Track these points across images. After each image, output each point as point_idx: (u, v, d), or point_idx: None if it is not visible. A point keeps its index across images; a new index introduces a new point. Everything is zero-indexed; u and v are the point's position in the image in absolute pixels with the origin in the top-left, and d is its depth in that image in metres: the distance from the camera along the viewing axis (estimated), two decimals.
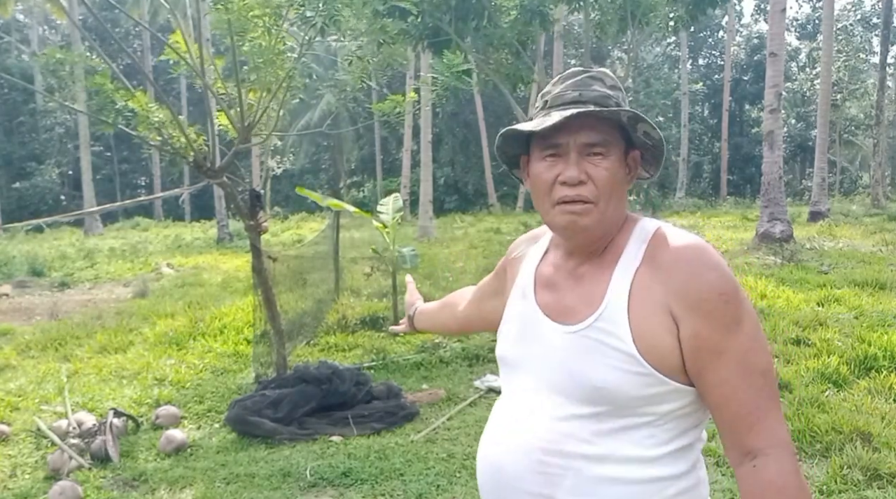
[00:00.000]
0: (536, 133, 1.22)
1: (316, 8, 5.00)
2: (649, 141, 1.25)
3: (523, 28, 8.39)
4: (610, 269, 1.22)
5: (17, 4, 28.30)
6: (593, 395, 1.16)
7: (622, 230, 1.26)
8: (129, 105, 4.92)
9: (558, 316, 1.25)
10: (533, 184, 1.28)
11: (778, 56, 12.97)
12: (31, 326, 8.20)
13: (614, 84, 1.26)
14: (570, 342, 1.20)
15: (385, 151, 34.69)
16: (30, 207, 32.17)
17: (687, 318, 1.13)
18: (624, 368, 1.14)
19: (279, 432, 4.53)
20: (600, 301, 1.19)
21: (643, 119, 1.20)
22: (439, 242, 16.47)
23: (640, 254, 1.21)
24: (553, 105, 1.24)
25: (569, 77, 1.26)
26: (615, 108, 1.20)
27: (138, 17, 22.30)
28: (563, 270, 1.30)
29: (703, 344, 1.13)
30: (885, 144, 24.66)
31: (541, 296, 1.31)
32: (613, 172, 1.21)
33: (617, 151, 1.22)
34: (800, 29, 41.11)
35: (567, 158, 1.21)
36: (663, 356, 1.14)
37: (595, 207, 1.20)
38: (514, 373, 1.31)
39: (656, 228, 1.24)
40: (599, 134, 1.20)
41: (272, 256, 5.77)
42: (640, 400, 1.15)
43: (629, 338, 1.15)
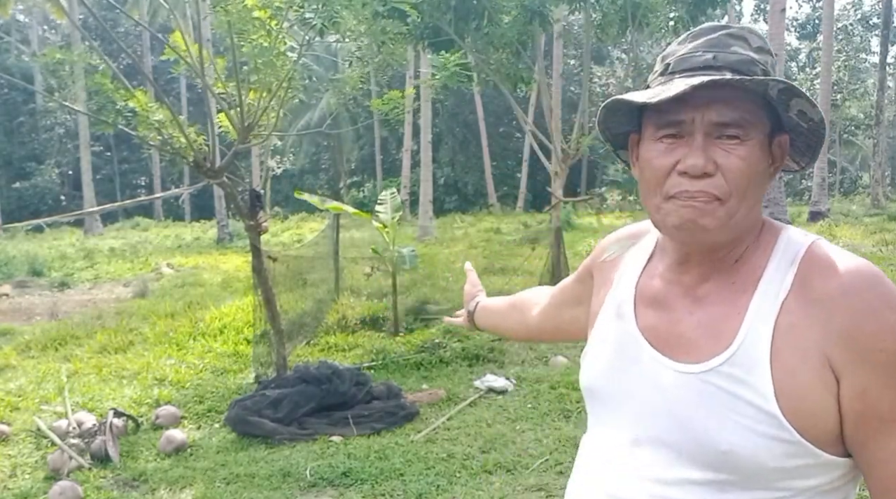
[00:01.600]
0: (650, 106, 0.93)
1: (315, 9, 5.01)
2: (805, 123, 0.94)
3: (523, 28, 8.38)
4: (746, 294, 0.93)
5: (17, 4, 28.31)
6: (716, 460, 0.89)
7: (759, 241, 0.97)
8: (130, 105, 4.92)
9: (667, 347, 0.97)
10: (641, 172, 0.98)
11: (778, 56, 12.96)
12: (31, 326, 8.20)
13: (762, 46, 0.95)
14: (686, 386, 0.92)
15: (385, 150, 34.69)
16: (30, 207, 32.17)
17: (853, 371, 0.85)
18: (760, 431, 0.87)
19: (279, 432, 4.53)
20: (732, 337, 0.91)
21: (800, 93, 0.89)
22: (439, 242, 16.47)
23: (789, 278, 0.91)
24: (677, 70, 0.94)
25: (701, 34, 0.96)
26: (762, 78, 0.89)
27: (138, 17, 22.31)
28: (676, 285, 1.01)
29: (872, 406, 0.85)
30: (885, 144, 24.68)
31: (644, 317, 1.02)
32: (752, 163, 0.91)
33: (759, 134, 0.92)
34: (800, 29, 41.13)
35: (691, 141, 0.91)
36: (814, 420, 0.86)
37: (722, 205, 0.90)
38: (605, 410, 1.05)
39: (810, 242, 0.94)
40: (737, 111, 0.90)
41: (272, 256, 5.77)
42: (776, 473, 0.88)
43: (771, 392, 0.86)
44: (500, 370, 5.81)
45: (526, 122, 10.53)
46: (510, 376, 5.64)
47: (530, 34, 8.81)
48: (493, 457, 4.11)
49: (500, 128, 33.79)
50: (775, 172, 0.98)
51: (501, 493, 3.69)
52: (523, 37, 8.65)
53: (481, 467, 4.00)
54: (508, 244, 14.79)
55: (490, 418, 4.81)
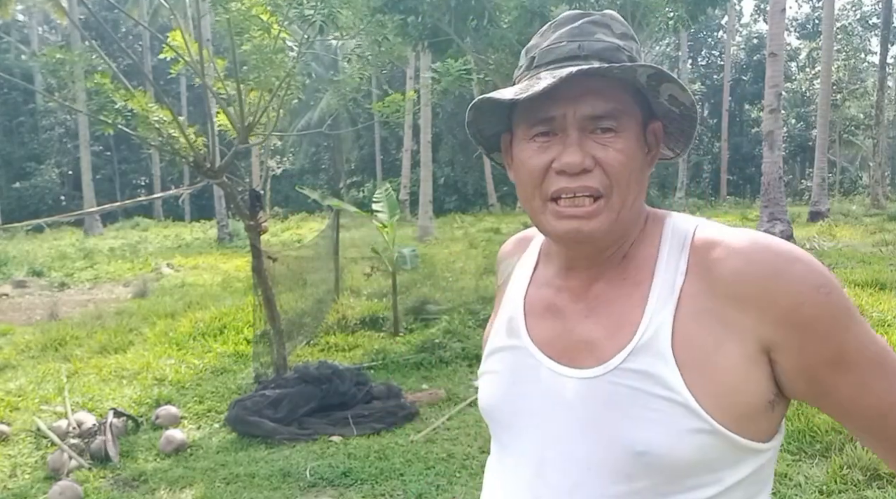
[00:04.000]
0: (520, 103, 0.89)
1: (315, 6, 5.01)
2: (677, 107, 0.89)
3: (523, 29, 8.39)
4: (640, 287, 0.89)
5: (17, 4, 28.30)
6: (630, 465, 0.83)
7: (645, 231, 0.93)
8: (129, 105, 4.93)
9: (566, 357, 0.91)
10: (517, 174, 0.93)
11: (778, 56, 12.97)
12: (31, 326, 8.20)
13: (625, 32, 0.91)
14: (591, 393, 0.87)
15: (385, 151, 34.69)
16: (30, 207, 32.17)
17: (785, 336, 0.81)
18: (674, 425, 0.81)
19: (279, 432, 4.53)
20: (632, 332, 0.86)
21: (669, 77, 0.85)
22: (439, 242, 16.48)
23: (683, 263, 0.87)
24: (542, 62, 0.89)
25: (563, 23, 0.91)
26: (631, 64, 0.85)
27: (138, 16, 22.31)
28: (565, 291, 0.95)
29: (816, 359, 0.81)
30: (885, 144, 24.68)
31: (536, 329, 0.96)
32: (630, 154, 0.87)
33: (633, 123, 0.88)
34: (800, 29, 41.12)
35: (565, 138, 0.86)
36: (737, 400, 0.82)
37: (606, 202, 0.87)
38: (507, 435, 0.97)
39: (694, 226, 0.91)
40: (609, 101, 0.86)
41: (272, 256, 5.77)
42: (697, 468, 0.83)
43: (680, 381, 0.82)
44: None
45: None
46: None
47: (530, 34, 8.84)
48: None
49: None
50: (652, 161, 0.94)
51: None
52: (523, 37, 8.66)
53: (481, 467, 3.99)
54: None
55: None
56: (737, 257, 0.84)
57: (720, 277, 0.84)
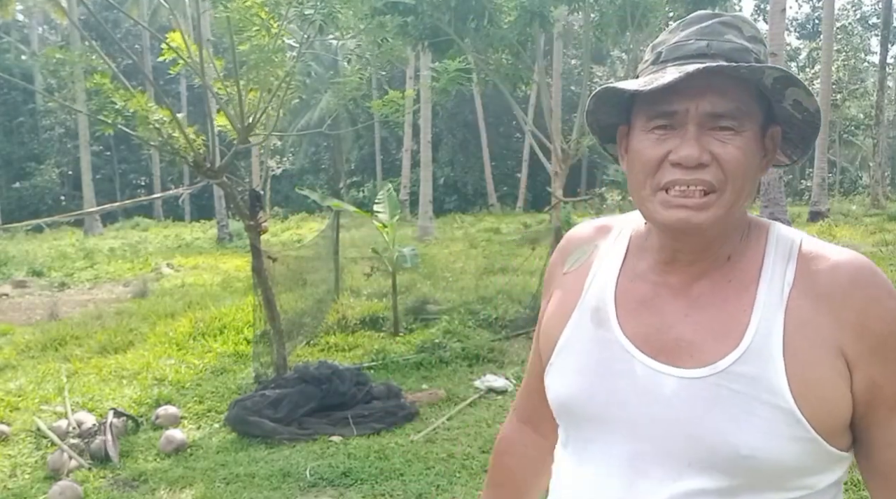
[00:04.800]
0: (641, 95, 0.89)
1: (315, 6, 5.01)
2: (799, 113, 0.90)
3: (523, 29, 8.39)
4: (748, 291, 0.89)
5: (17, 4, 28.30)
6: (732, 465, 0.86)
7: (750, 236, 0.94)
8: (129, 106, 4.93)
9: (663, 354, 0.90)
10: (631, 163, 0.93)
11: (777, 56, 12.97)
12: (31, 326, 8.20)
13: (754, 35, 0.91)
14: (693, 393, 0.87)
15: (385, 150, 34.68)
16: (30, 207, 32.16)
17: (865, 361, 0.85)
18: (779, 431, 0.84)
19: (279, 432, 4.54)
20: (740, 335, 0.87)
21: (796, 81, 0.86)
22: (439, 242, 16.48)
23: (790, 273, 0.89)
24: (669, 58, 0.90)
25: (693, 22, 0.91)
26: (758, 65, 0.86)
27: (137, 16, 22.31)
28: (663, 287, 0.95)
29: (881, 394, 0.86)
30: (885, 144, 24.69)
31: (629, 323, 0.94)
32: (748, 154, 0.88)
33: (753, 125, 0.89)
34: (800, 29, 41.13)
35: (683, 132, 0.87)
36: (828, 413, 0.85)
37: (719, 197, 0.87)
38: (590, 429, 0.96)
39: (801, 238, 0.93)
40: (732, 101, 0.87)
41: (272, 256, 5.77)
42: (794, 472, 0.86)
43: (787, 389, 0.84)
44: (500, 370, 5.81)
45: (526, 123, 10.53)
46: (510, 375, 5.63)
47: (530, 35, 8.82)
48: None
49: (500, 128, 33.78)
50: (767, 165, 0.94)
51: None
52: (523, 37, 8.66)
53: (481, 467, 4.00)
54: (508, 244, 14.79)
55: (490, 418, 4.81)
56: (841, 274, 0.87)
57: (823, 292, 0.87)
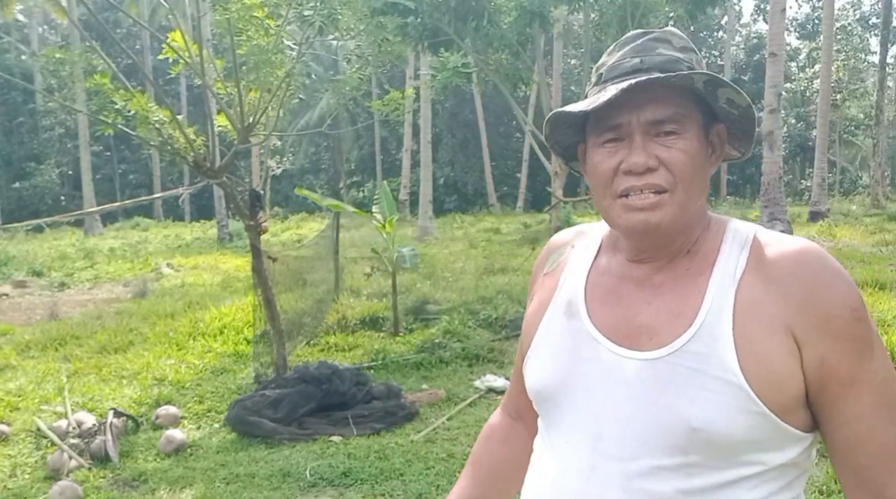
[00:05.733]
0: (591, 114, 0.99)
1: (314, 6, 5.01)
2: (735, 110, 0.99)
3: (523, 29, 8.40)
4: (703, 276, 0.97)
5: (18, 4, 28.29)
6: (685, 440, 0.91)
7: (709, 230, 1.02)
8: (129, 106, 4.93)
9: (628, 340, 0.98)
10: (590, 177, 1.03)
11: (778, 56, 12.97)
12: (31, 326, 8.20)
13: (685, 45, 1.01)
14: (651, 373, 0.94)
15: (385, 150, 34.68)
16: (30, 207, 32.15)
17: (813, 340, 0.90)
18: (728, 404, 0.89)
19: (279, 432, 4.54)
20: (693, 316, 0.94)
21: (724, 82, 0.95)
22: (439, 242, 16.47)
23: (743, 259, 0.96)
24: (609, 77, 0.99)
25: (627, 42, 1.02)
26: (685, 72, 0.95)
27: (136, 15, 22.30)
28: (629, 279, 1.03)
29: (832, 373, 0.90)
30: (885, 144, 24.67)
31: (598, 313, 1.02)
32: (692, 154, 0.96)
33: (695, 126, 0.97)
34: (800, 29, 41.12)
35: (630, 142, 0.96)
36: (778, 388, 0.90)
37: (671, 196, 0.95)
38: (561, 414, 1.02)
39: (755, 229, 1.00)
40: (670, 107, 0.95)
41: (272, 256, 5.78)
42: (745, 446, 0.91)
43: (736, 364, 0.89)
44: (500, 370, 5.81)
45: (526, 123, 10.54)
46: (510, 375, 5.63)
47: (530, 35, 8.82)
48: None
49: (500, 128, 33.77)
50: (716, 161, 1.03)
51: None
52: (523, 37, 8.66)
53: None
54: (508, 244, 14.79)
55: (489, 418, 4.81)
56: (790, 259, 0.94)
57: (771, 275, 0.93)
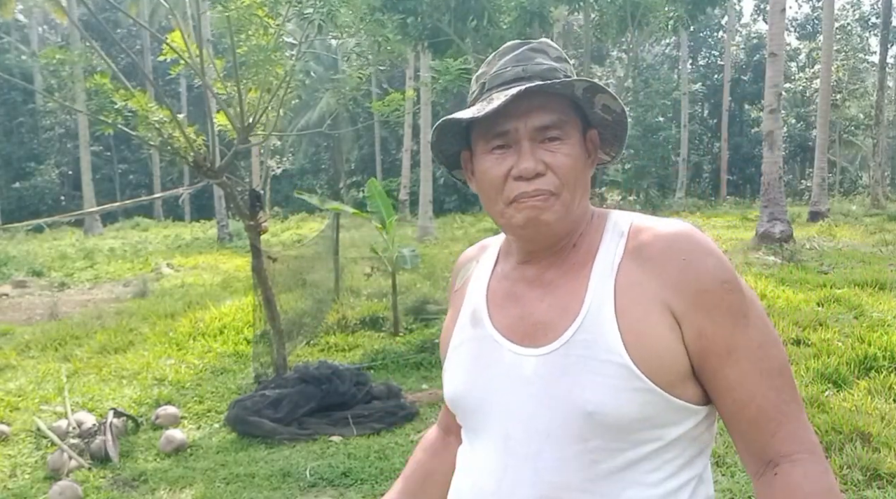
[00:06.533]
0: (477, 122, 1.01)
1: (314, 4, 5.02)
2: (609, 116, 1.04)
3: (523, 29, 8.40)
4: (585, 267, 1.02)
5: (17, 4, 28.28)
6: (583, 426, 0.94)
7: (591, 226, 1.06)
8: (129, 105, 4.93)
9: (527, 338, 1.01)
10: (480, 184, 1.06)
11: (778, 56, 12.97)
12: (31, 326, 8.20)
13: (560, 55, 1.06)
14: (547, 367, 0.97)
15: (385, 150, 34.68)
16: (29, 207, 32.15)
17: (689, 314, 0.95)
18: (618, 386, 0.93)
19: (279, 432, 4.54)
20: (579, 307, 0.98)
21: (601, 89, 1.00)
22: (439, 242, 16.47)
23: (621, 246, 1.01)
24: (493, 86, 1.03)
25: (506, 52, 1.05)
26: (569, 79, 0.99)
27: (136, 15, 22.30)
28: (522, 281, 1.07)
29: (709, 344, 0.95)
30: (885, 144, 24.68)
31: (498, 317, 1.06)
32: (575, 158, 1.01)
33: (575, 132, 1.02)
34: (799, 29, 41.13)
35: (518, 148, 1.00)
36: (663, 364, 0.94)
37: (558, 198, 1.00)
38: (476, 419, 1.05)
39: (631, 219, 1.05)
40: (553, 113, 1.00)
41: (272, 256, 5.78)
42: (640, 423, 0.94)
43: (621, 346, 0.94)
44: None
45: None
46: None
47: (530, 35, 8.82)
48: None
49: None
50: (592, 164, 1.08)
51: None
52: (523, 37, 8.66)
53: None
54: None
55: None
56: (662, 241, 0.99)
57: (646, 256, 0.98)
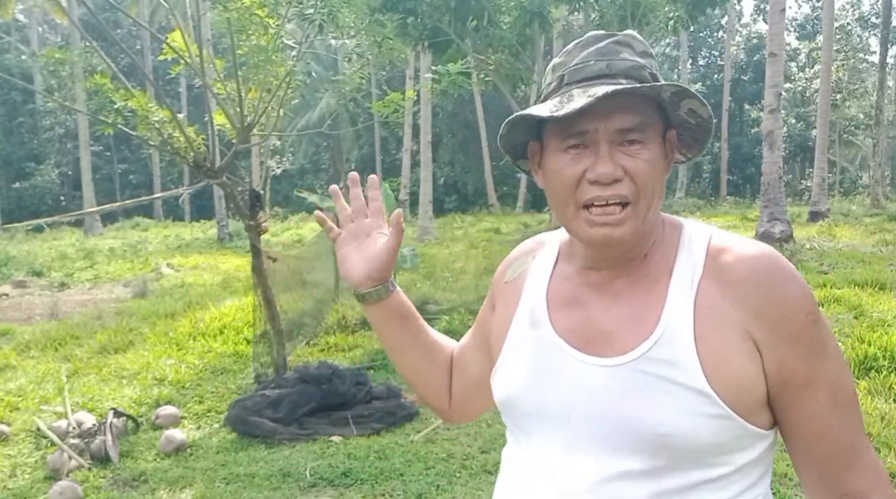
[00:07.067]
0: (554, 118, 0.95)
1: (315, 5, 5.02)
2: (694, 119, 0.99)
3: (523, 29, 8.40)
4: (660, 282, 0.97)
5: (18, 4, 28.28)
6: (653, 445, 0.92)
7: (664, 236, 1.02)
8: (129, 105, 4.93)
9: (589, 346, 0.98)
10: (550, 182, 1.01)
11: (777, 56, 12.97)
12: (31, 326, 8.20)
13: (645, 50, 1.00)
14: (615, 380, 0.94)
15: (385, 151, 34.69)
16: (29, 207, 32.16)
17: (771, 343, 0.92)
18: (692, 409, 0.90)
19: (279, 432, 4.53)
20: (654, 323, 0.94)
21: (691, 94, 0.94)
22: (439, 242, 16.48)
23: (700, 264, 0.96)
24: (573, 81, 0.97)
25: (590, 43, 0.99)
26: (659, 83, 0.94)
27: (136, 15, 22.30)
28: (587, 286, 1.03)
29: (790, 374, 0.92)
30: (885, 144, 24.67)
31: (559, 320, 1.02)
32: (655, 163, 0.96)
33: (656, 134, 0.97)
34: (799, 29, 41.13)
35: (596, 149, 0.94)
36: (742, 392, 0.91)
37: (633, 208, 0.95)
38: (529, 423, 1.02)
39: (710, 232, 1.01)
40: (636, 116, 0.94)
41: (272, 256, 5.77)
42: (711, 448, 0.92)
43: (699, 369, 0.90)
44: None
45: None
46: None
47: (530, 35, 8.82)
48: (493, 457, 4.11)
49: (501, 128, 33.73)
50: (669, 165, 1.02)
51: None
52: (523, 38, 8.66)
53: (481, 467, 4.00)
54: (508, 244, 14.78)
55: (490, 418, 4.81)
56: (745, 264, 0.94)
57: (729, 280, 0.94)
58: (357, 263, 1.20)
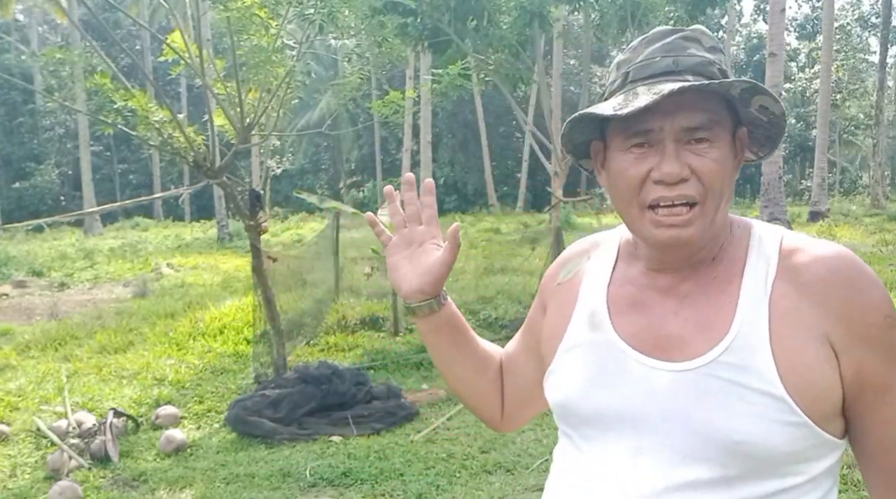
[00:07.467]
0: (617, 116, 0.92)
1: (315, 5, 5.02)
2: (766, 117, 0.95)
3: (523, 29, 8.39)
4: (732, 285, 0.94)
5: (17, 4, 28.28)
6: (726, 453, 0.88)
7: (732, 237, 0.98)
8: (129, 105, 4.93)
9: (656, 350, 0.94)
10: (614, 182, 0.97)
11: (777, 56, 12.98)
12: (31, 326, 8.20)
13: (714, 45, 0.96)
14: (685, 385, 0.90)
15: (385, 150, 34.68)
16: (29, 207, 32.15)
17: (850, 347, 0.88)
18: (769, 416, 0.86)
19: (279, 432, 4.54)
20: (727, 327, 0.90)
21: (763, 90, 0.91)
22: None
23: (773, 265, 0.93)
24: (638, 78, 0.94)
25: (656, 39, 0.96)
26: (728, 80, 0.90)
27: (136, 15, 22.29)
28: (652, 289, 0.99)
29: (867, 379, 0.89)
30: (885, 144, 24.68)
31: (622, 324, 0.99)
32: (724, 162, 0.92)
33: (725, 133, 0.93)
34: (799, 29, 41.13)
35: (661, 149, 0.91)
36: (818, 398, 0.88)
37: (701, 208, 0.91)
38: (590, 427, 0.98)
39: (781, 233, 0.97)
40: (704, 113, 0.90)
41: (272, 256, 5.78)
42: (787, 457, 0.88)
43: (775, 375, 0.87)
44: None
45: (526, 123, 10.54)
46: None
47: (530, 35, 8.82)
48: (493, 457, 4.11)
49: (500, 128, 33.78)
50: (738, 164, 0.98)
51: (501, 493, 3.69)
52: (523, 38, 8.65)
53: (481, 467, 4.00)
54: (508, 244, 14.79)
55: None
56: (822, 265, 0.91)
57: (805, 282, 0.90)
58: (408, 275, 1.16)
